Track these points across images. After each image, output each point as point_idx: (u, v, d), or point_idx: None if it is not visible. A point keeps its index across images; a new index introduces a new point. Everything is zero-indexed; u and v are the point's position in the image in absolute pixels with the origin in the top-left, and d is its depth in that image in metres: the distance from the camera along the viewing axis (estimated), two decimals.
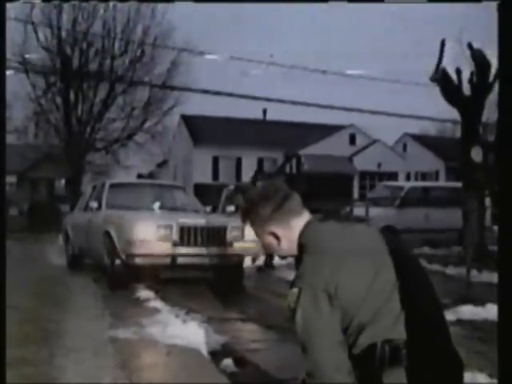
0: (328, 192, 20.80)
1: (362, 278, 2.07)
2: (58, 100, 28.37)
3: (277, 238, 2.26)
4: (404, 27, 72.25)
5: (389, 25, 76.66)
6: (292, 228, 2.24)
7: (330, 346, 2.04)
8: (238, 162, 35.56)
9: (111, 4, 26.78)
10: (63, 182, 33.86)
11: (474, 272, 9.14)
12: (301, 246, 2.20)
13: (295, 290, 2.09)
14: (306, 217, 2.27)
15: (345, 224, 2.25)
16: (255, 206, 2.28)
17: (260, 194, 2.32)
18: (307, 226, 2.23)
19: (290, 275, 2.55)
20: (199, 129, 34.95)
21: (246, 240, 8.07)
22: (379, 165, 35.65)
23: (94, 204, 9.47)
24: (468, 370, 3.87)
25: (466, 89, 12.32)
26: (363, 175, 35.46)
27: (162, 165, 41.30)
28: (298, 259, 2.19)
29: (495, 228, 17.52)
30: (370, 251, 2.15)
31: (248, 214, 2.32)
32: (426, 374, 2.06)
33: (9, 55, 19.74)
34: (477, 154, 11.51)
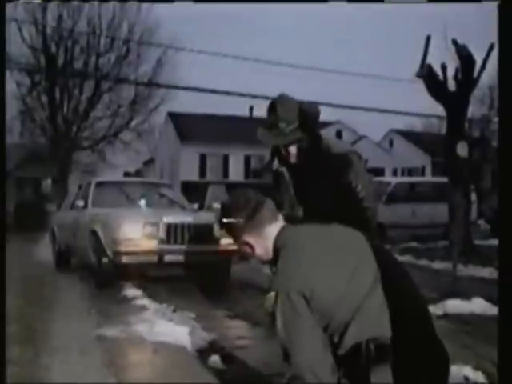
0: None
1: (339, 279, 2.08)
2: (44, 98, 28.19)
3: (251, 247, 2.29)
4: (390, 25, 72.46)
5: (376, 22, 76.82)
6: (266, 236, 2.28)
7: (313, 346, 2.05)
8: (225, 159, 35.54)
9: (96, 1, 26.64)
10: (49, 181, 33.63)
11: (460, 266, 9.20)
12: (276, 250, 2.23)
13: (272, 294, 2.11)
14: (279, 222, 2.30)
15: (320, 226, 2.27)
16: (229, 216, 2.33)
17: (232, 205, 2.35)
18: (282, 230, 2.27)
19: None
20: (186, 126, 34.87)
21: None
22: (366, 161, 35.73)
23: (81, 203, 9.42)
24: (454, 363, 3.90)
25: (451, 85, 12.39)
26: None
27: (148, 163, 41.20)
28: (274, 263, 2.21)
29: (480, 222, 17.65)
30: (346, 251, 2.17)
31: (223, 224, 2.37)
32: (413, 368, 2.07)
33: None
34: (462, 149, 11.58)
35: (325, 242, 2.19)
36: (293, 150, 3.57)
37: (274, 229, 2.27)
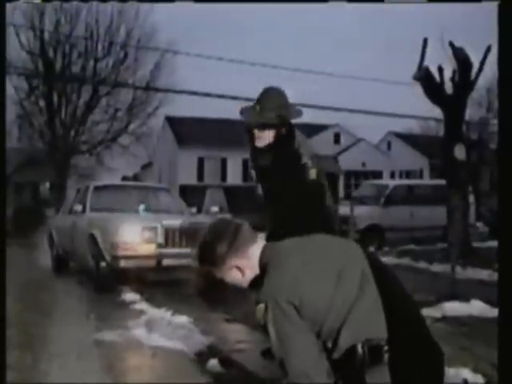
0: None
1: (325, 285, 2.10)
2: (42, 103, 28.21)
3: (240, 269, 2.29)
4: (389, 26, 72.61)
5: (375, 23, 77.03)
6: (251, 256, 2.29)
7: (307, 351, 2.06)
8: (223, 162, 35.56)
9: (94, 5, 26.70)
10: (47, 185, 33.62)
11: (458, 268, 9.19)
12: (262, 267, 2.25)
13: (261, 305, 2.12)
14: (261, 242, 2.33)
15: (302, 238, 2.31)
16: (210, 246, 2.30)
17: (212, 234, 2.34)
18: (265, 248, 2.30)
19: None
20: (184, 130, 34.88)
21: None
22: (364, 164, 35.83)
23: (79, 207, 9.41)
24: (453, 366, 3.90)
25: (449, 87, 12.40)
26: (348, 174, 35.59)
27: (146, 167, 41.18)
28: (261, 279, 2.21)
29: (479, 225, 17.65)
30: (329, 257, 2.20)
31: (205, 256, 2.33)
32: (407, 370, 2.08)
33: None
34: (460, 152, 11.59)
35: (308, 252, 2.23)
36: (262, 134, 3.82)
37: (256, 248, 2.30)
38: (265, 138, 3.86)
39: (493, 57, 10.32)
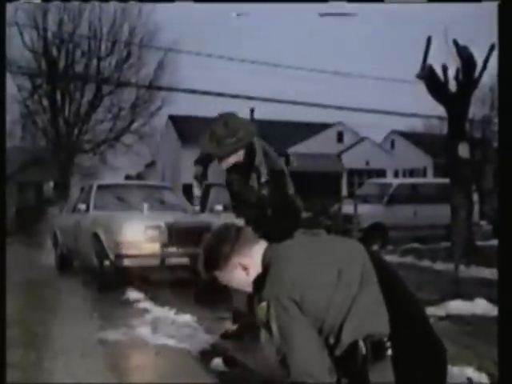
0: (316, 190, 20.76)
1: (326, 282, 2.11)
2: (45, 102, 28.24)
3: (244, 268, 2.30)
4: (391, 25, 72.52)
5: (376, 23, 76.85)
6: (254, 255, 2.31)
7: (309, 347, 2.07)
8: None
9: (97, 4, 26.70)
10: (51, 184, 33.66)
11: (462, 267, 9.19)
12: (265, 266, 2.27)
13: (263, 303, 2.14)
14: (263, 243, 2.35)
15: (303, 237, 2.33)
16: (215, 248, 2.33)
17: (215, 238, 2.37)
18: (267, 247, 2.32)
19: None
20: (187, 129, 34.82)
21: None
22: (367, 162, 35.76)
23: (82, 206, 9.44)
24: (457, 365, 3.90)
25: (452, 86, 12.38)
26: (351, 173, 35.55)
27: (150, 165, 41.20)
28: (263, 279, 2.22)
29: (483, 223, 17.62)
30: (330, 255, 2.21)
31: (210, 259, 2.34)
32: (411, 364, 2.08)
33: None
34: (463, 150, 11.58)
35: (309, 250, 2.25)
36: (226, 160, 4.07)
37: (259, 248, 2.32)
38: (229, 161, 4.12)
39: (495, 55, 10.29)
